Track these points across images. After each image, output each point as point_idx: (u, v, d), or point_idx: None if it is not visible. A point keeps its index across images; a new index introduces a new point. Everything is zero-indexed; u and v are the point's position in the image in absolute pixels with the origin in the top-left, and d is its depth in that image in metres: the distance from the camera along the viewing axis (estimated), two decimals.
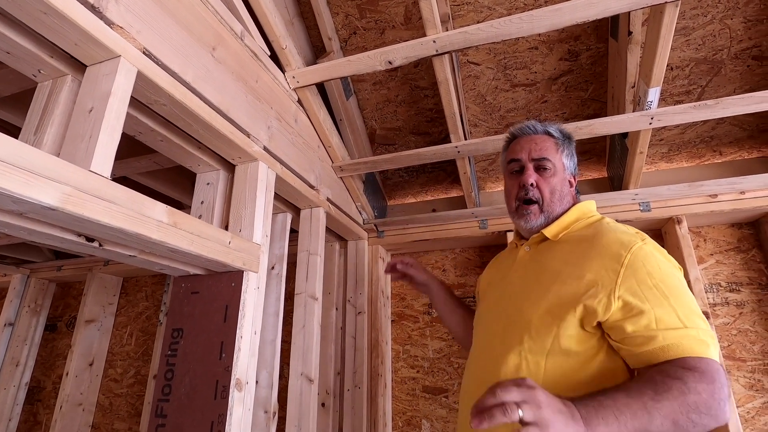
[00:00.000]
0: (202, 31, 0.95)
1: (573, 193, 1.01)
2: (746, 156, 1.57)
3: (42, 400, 2.37)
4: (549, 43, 1.44)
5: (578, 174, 1.04)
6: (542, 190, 0.96)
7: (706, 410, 0.65)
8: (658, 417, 0.65)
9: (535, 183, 0.97)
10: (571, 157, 1.02)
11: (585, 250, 0.85)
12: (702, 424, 0.65)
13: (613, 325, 0.76)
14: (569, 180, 1.01)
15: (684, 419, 0.65)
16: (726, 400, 0.67)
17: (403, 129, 1.78)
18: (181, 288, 1.05)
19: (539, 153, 0.98)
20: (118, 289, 2.42)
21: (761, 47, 1.34)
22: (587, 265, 0.81)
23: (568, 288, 0.81)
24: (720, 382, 0.67)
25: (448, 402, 1.67)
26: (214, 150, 1.05)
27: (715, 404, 0.66)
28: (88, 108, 0.72)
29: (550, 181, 0.97)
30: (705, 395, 0.66)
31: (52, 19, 0.65)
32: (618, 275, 0.76)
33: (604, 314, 0.75)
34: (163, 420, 0.93)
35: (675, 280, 0.77)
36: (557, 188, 0.97)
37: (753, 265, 1.48)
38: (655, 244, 0.82)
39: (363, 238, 1.83)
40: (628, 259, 0.77)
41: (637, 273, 0.76)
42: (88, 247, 0.78)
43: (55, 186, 0.59)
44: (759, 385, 1.37)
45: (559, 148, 1.00)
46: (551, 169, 0.97)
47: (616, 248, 0.80)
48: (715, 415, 0.66)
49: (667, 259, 0.81)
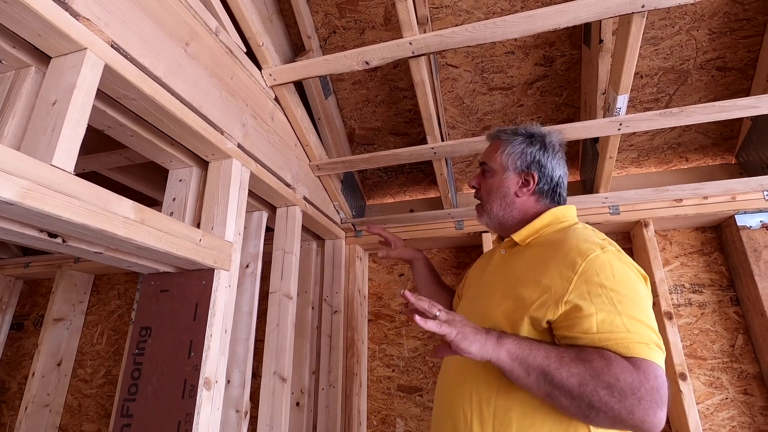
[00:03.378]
0: (175, 26, 0.93)
1: (527, 192, 0.98)
2: (710, 162, 1.64)
3: (6, 402, 2.29)
4: (525, 48, 1.47)
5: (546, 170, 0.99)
6: (481, 191, 1.05)
7: (619, 397, 0.65)
8: (565, 370, 0.69)
9: (477, 185, 1.06)
10: (519, 156, 0.99)
11: (547, 256, 0.85)
12: (610, 407, 0.65)
13: (558, 326, 0.77)
14: (522, 178, 0.98)
15: (590, 388, 0.66)
16: (653, 404, 0.65)
17: (382, 129, 1.79)
18: (151, 286, 1.03)
19: (481, 158, 1.07)
20: (89, 287, 2.36)
21: (725, 59, 1.40)
22: (545, 270, 0.81)
23: (524, 293, 0.82)
24: (650, 384, 0.66)
25: (422, 401, 1.69)
26: (187, 146, 1.04)
27: (633, 399, 0.65)
28: (51, 101, 0.70)
29: (486, 183, 1.03)
30: (623, 384, 0.65)
31: (13, 8, 0.63)
32: (570, 283, 0.76)
33: (552, 317, 0.76)
34: (129, 420, 0.91)
35: (628, 290, 0.75)
36: (494, 188, 1.01)
37: (715, 268, 1.54)
38: (616, 252, 0.80)
39: (340, 238, 1.83)
40: (582, 267, 0.76)
41: (589, 281, 0.75)
42: (51, 243, 0.76)
43: (14, 180, 0.57)
44: (718, 382, 1.42)
45: (500, 148, 1.01)
46: (489, 171, 1.03)
47: (572, 256, 0.79)
48: (628, 407, 0.64)
49: (629, 268, 0.79)
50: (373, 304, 1.90)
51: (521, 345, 0.74)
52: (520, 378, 0.73)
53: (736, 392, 1.40)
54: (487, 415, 0.79)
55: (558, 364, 0.70)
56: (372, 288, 1.92)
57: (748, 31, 1.33)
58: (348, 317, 1.76)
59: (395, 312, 1.85)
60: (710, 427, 1.39)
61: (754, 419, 1.37)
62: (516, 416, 0.76)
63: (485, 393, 0.81)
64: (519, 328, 0.79)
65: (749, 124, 1.46)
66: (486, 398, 0.80)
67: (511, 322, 0.81)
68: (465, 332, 0.73)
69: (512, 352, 0.73)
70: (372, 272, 1.95)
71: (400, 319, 1.84)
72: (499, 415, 0.78)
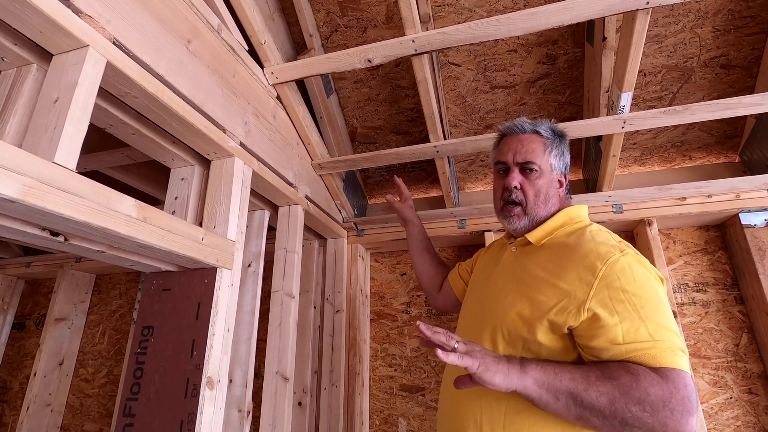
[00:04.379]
0: (177, 23, 0.93)
1: (562, 193, 0.99)
2: (714, 161, 1.63)
3: (8, 401, 2.29)
4: (527, 46, 1.46)
5: (568, 173, 1.01)
6: (526, 193, 0.96)
7: (651, 411, 0.64)
8: (594, 390, 0.68)
9: (519, 185, 0.96)
10: (560, 157, 0.99)
11: (563, 259, 0.83)
12: (643, 422, 0.65)
13: (580, 334, 0.76)
14: (558, 180, 0.98)
15: (621, 406, 0.66)
16: (685, 413, 0.64)
17: (384, 128, 1.78)
18: (153, 285, 1.02)
19: (524, 156, 0.97)
20: (90, 287, 2.36)
21: (728, 56, 1.39)
22: (563, 275, 0.80)
23: (542, 296, 0.81)
24: (681, 394, 0.65)
25: (425, 400, 1.68)
26: (189, 144, 1.03)
27: (665, 411, 0.64)
28: (53, 98, 0.70)
29: (535, 184, 0.96)
30: (654, 398, 0.65)
31: (15, 6, 0.63)
32: (591, 288, 0.75)
33: (574, 323, 0.75)
34: (131, 419, 0.91)
35: (649, 293, 0.74)
36: (542, 190, 0.95)
37: (719, 267, 1.54)
38: (636, 255, 0.79)
39: (342, 237, 1.82)
40: (603, 271, 0.75)
41: (611, 286, 0.74)
42: (52, 241, 0.76)
43: (15, 177, 0.57)
44: (722, 382, 1.42)
45: (547, 148, 0.97)
46: (537, 171, 0.96)
47: (592, 259, 0.78)
48: (662, 420, 0.64)
49: (648, 270, 0.78)
50: (375, 304, 1.89)
51: (546, 370, 0.72)
52: (549, 404, 0.71)
53: (740, 391, 1.39)
54: (498, 416, 0.78)
55: (586, 385, 0.68)
56: (374, 287, 1.92)
57: (752, 29, 1.32)
58: (350, 317, 1.75)
59: (397, 311, 1.85)
60: (715, 427, 1.38)
61: (759, 418, 1.36)
62: (527, 417, 0.76)
63: (495, 395, 0.79)
64: (536, 330, 0.78)
65: (753, 122, 1.45)
66: (496, 399, 0.79)
67: (528, 324, 0.80)
68: (487, 363, 0.70)
69: (537, 378, 0.71)
70: (374, 271, 1.95)
71: (402, 318, 1.83)
72: (510, 415, 0.77)
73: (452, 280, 1.24)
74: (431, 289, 1.33)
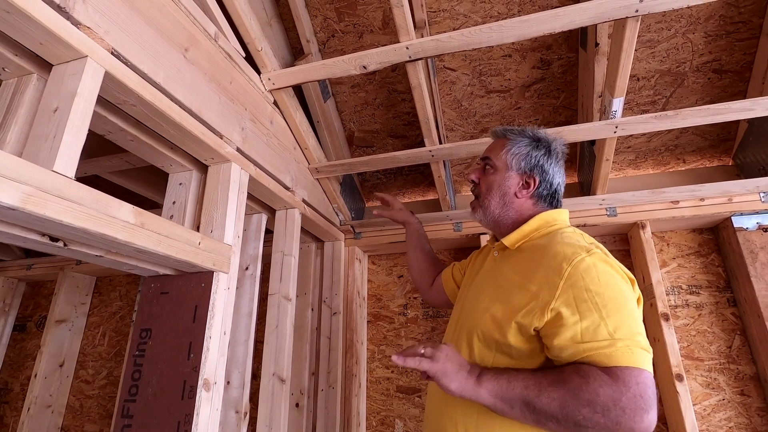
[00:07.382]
0: (174, 32, 0.95)
1: (527, 194, 0.98)
2: (707, 164, 1.64)
3: (9, 402, 2.31)
4: (522, 51, 1.48)
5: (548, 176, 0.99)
6: (480, 187, 1.04)
7: (602, 411, 0.66)
8: (545, 396, 0.70)
9: (477, 180, 1.05)
10: (524, 157, 0.98)
11: (535, 262, 0.85)
12: (596, 422, 0.66)
13: (545, 334, 0.77)
14: (525, 180, 0.98)
15: (572, 409, 0.68)
16: (638, 410, 0.65)
17: (381, 132, 1.80)
18: (151, 288, 1.04)
19: (484, 153, 1.06)
20: (90, 289, 2.37)
21: (721, 61, 1.40)
22: (533, 277, 0.82)
23: (513, 299, 0.83)
24: (632, 392, 0.66)
25: (421, 401, 1.70)
26: (186, 150, 1.05)
27: (616, 410, 0.65)
28: (53, 108, 0.72)
29: (487, 178, 1.03)
30: (604, 398, 0.66)
31: (15, 18, 0.64)
32: (557, 288, 0.76)
33: (539, 324, 0.76)
34: (129, 420, 0.93)
35: (613, 292, 0.74)
36: (494, 186, 1.00)
37: (712, 269, 1.55)
38: (602, 255, 0.80)
39: (340, 239, 1.84)
40: (568, 272, 0.76)
41: (575, 285, 0.75)
42: (52, 246, 0.78)
43: (15, 186, 0.59)
44: (715, 383, 1.43)
45: (506, 146, 1.01)
46: (491, 168, 1.03)
47: (559, 261, 0.79)
48: (614, 419, 0.65)
49: (614, 270, 0.78)
50: (372, 306, 1.91)
51: (500, 380, 0.75)
52: (504, 412, 0.74)
53: (733, 393, 1.41)
54: (471, 418, 0.81)
55: (538, 391, 0.71)
56: (371, 289, 1.94)
57: (743, 34, 1.34)
58: (347, 319, 1.77)
59: (394, 313, 1.86)
60: (707, 428, 1.39)
61: (751, 420, 1.37)
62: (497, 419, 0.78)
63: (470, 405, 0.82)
64: (507, 332, 0.80)
65: (746, 125, 1.47)
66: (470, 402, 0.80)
67: (499, 327, 0.82)
68: (446, 369, 0.76)
69: (491, 389, 0.74)
70: (371, 274, 1.96)
71: (399, 320, 1.85)
72: (482, 418, 0.80)
73: (444, 279, 1.27)
74: (422, 285, 1.37)
